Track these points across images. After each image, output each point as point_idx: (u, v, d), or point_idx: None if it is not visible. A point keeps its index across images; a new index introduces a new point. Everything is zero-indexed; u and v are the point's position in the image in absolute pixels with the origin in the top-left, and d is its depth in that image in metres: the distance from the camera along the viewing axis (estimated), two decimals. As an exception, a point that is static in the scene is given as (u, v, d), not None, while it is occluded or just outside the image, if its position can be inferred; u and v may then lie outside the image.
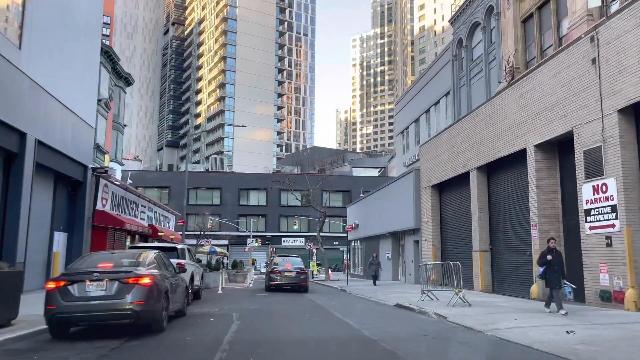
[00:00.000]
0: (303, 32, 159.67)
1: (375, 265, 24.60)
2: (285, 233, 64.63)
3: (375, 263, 24.68)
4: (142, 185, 62.91)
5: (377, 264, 24.91)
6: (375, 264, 24.69)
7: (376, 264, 24.70)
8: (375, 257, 25.45)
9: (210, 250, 33.17)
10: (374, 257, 25.19)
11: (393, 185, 29.56)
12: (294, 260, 22.77)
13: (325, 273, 35.71)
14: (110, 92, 38.60)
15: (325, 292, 22.49)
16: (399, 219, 27.78)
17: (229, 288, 24.59)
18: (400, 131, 43.23)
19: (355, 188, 60.85)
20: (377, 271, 24.78)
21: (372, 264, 24.77)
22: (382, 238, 32.75)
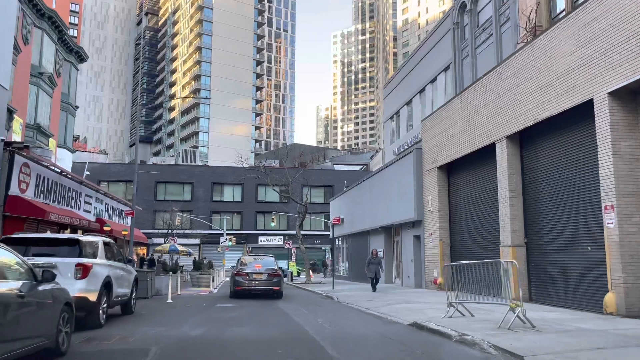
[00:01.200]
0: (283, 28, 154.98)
1: (375, 264, 19.77)
2: (262, 231, 59.72)
3: (375, 262, 19.77)
4: (106, 179, 57.51)
5: (378, 263, 19.62)
6: (375, 263, 19.76)
7: (376, 263, 19.82)
8: (376, 254, 20.34)
9: (171, 248, 28.13)
10: (373, 255, 20.19)
11: (387, 171, 25.02)
12: (265, 260, 19.10)
13: (306, 275, 31.02)
14: (58, 66, 33.21)
15: (307, 299, 17.79)
16: (395, 210, 23.26)
17: (186, 295, 19.71)
18: (389, 116, 38.83)
19: (338, 183, 56.21)
20: (378, 272, 19.82)
21: (371, 263, 19.45)
22: (372, 234, 28.21)
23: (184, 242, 54.91)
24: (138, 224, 54.73)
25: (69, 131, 35.93)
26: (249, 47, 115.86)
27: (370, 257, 20.18)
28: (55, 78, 31.78)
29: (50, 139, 31.57)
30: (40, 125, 29.28)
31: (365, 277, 29.10)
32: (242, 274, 17.78)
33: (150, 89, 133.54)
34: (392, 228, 25.52)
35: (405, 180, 21.91)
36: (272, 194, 61.58)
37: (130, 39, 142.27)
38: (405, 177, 21.94)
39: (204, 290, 22.35)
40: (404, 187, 22.06)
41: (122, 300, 10.97)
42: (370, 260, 19.78)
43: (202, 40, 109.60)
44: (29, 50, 28.23)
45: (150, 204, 56.28)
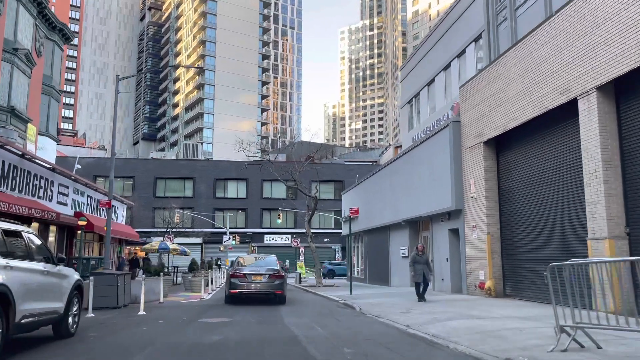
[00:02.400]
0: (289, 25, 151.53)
1: (422, 264, 14.14)
2: (268, 229, 55.96)
3: (422, 261, 14.13)
4: (102, 175, 53.98)
5: (425, 263, 14.30)
6: (422, 262, 14.14)
7: (423, 262, 14.17)
8: (422, 250, 14.45)
9: (160, 246, 24.37)
10: (419, 251, 14.43)
11: (413, 155, 21.12)
12: (266, 260, 16.82)
13: (316, 277, 27.20)
14: (38, 44, 29.55)
15: (321, 309, 13.93)
16: (423, 199, 19.36)
17: (170, 303, 15.92)
18: (407, 100, 34.93)
19: (349, 178, 52.24)
20: (427, 274, 14.32)
21: (416, 262, 14.20)
22: (393, 229, 24.32)
23: (184, 242, 51.33)
24: (136, 222, 51.34)
25: (52, 117, 32.25)
26: (255, 41, 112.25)
27: (415, 253, 14.56)
28: (34, 57, 28.12)
29: (29, 125, 27.90)
30: (14, 108, 25.63)
31: (383, 278, 25.31)
32: (238, 275, 15.16)
33: (154, 85, 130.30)
34: (419, 221, 21.61)
35: (438, 161, 18.00)
36: (278, 190, 57.81)
37: (133, 35, 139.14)
38: (438, 158, 18.03)
39: (194, 295, 18.55)
40: (436, 171, 18.15)
41: (45, 320, 7.17)
42: (416, 259, 14.38)
43: (206, 34, 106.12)
44: (2, 22, 24.64)
45: (149, 201, 52.72)
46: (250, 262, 16.72)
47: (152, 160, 60.72)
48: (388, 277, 24.71)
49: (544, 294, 12.42)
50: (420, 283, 14.31)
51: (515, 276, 14.13)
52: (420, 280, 14.28)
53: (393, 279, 24.23)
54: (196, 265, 22.74)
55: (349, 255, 28.96)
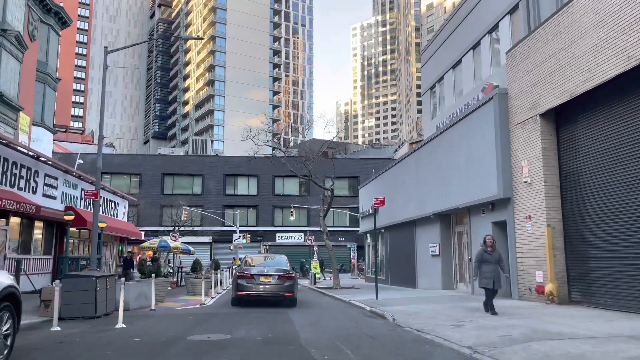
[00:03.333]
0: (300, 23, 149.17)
1: (493, 263, 10.54)
2: (280, 227, 53.43)
3: (492, 259, 10.54)
4: (108, 171, 51.83)
5: (497, 262, 10.63)
6: (492, 260, 10.54)
7: (494, 260, 10.56)
8: (492, 245, 10.69)
9: (160, 245, 21.88)
10: (488, 246, 10.70)
11: (445, 137, 18.40)
12: (276, 260, 16.01)
13: (333, 277, 24.57)
14: (32, 27, 27.33)
15: (344, 319, 11.30)
16: (459, 188, 16.65)
17: (163, 310, 13.40)
18: (429, 86, 32.19)
19: (364, 173, 49.46)
20: (497, 277, 10.60)
21: (484, 260, 10.55)
22: (420, 224, 21.60)
23: (193, 241, 49.11)
24: (142, 220, 49.14)
25: (48, 107, 29.97)
26: (265, 36, 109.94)
27: (483, 249, 10.73)
28: (26, 40, 25.84)
29: (21, 114, 25.66)
30: (3, 94, 23.34)
31: (408, 279, 22.59)
32: (246, 276, 14.18)
33: (164, 83, 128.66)
34: (452, 214, 18.90)
35: (478, 143, 15.26)
36: (290, 186, 55.27)
37: (143, 32, 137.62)
38: (478, 138, 15.30)
39: (194, 301, 16.02)
40: (476, 155, 15.42)
41: None
42: (484, 257, 10.60)
43: (216, 29, 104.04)
44: (-13, 0, 22.43)
45: (156, 199, 50.52)
46: (258, 262, 15.76)
47: (160, 156, 58.53)
48: (414, 278, 22.00)
49: (628, 300, 9.67)
50: (492, 289, 10.57)
51: (585, 278, 11.39)
52: (490, 286, 10.49)
53: (420, 280, 21.52)
54: (199, 265, 20.22)
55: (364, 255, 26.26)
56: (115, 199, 28.80)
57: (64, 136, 72.00)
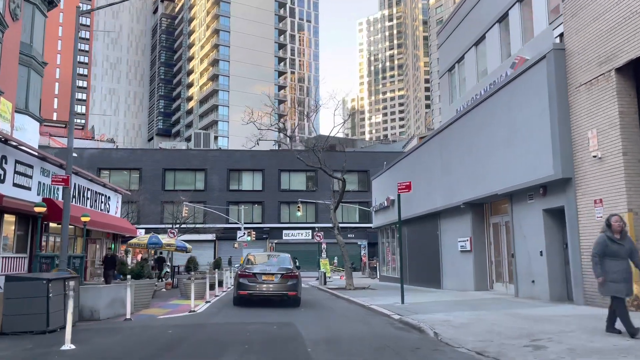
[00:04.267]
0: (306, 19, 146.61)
1: (622, 259, 6.87)
2: (286, 224, 50.84)
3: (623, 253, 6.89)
4: (107, 167, 49.61)
5: (629, 254, 6.95)
6: (623, 255, 6.90)
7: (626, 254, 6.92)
8: (621, 229, 6.94)
9: (150, 241, 19.31)
10: (616, 231, 6.97)
11: (477, 113, 15.71)
12: (279, 258, 15.73)
13: (346, 277, 21.97)
14: (13, 5, 24.83)
15: (369, 335, 8.64)
16: (498, 171, 13.98)
17: (143, 318, 10.85)
18: (447, 68, 29.52)
19: (374, 167, 46.62)
20: (629, 277, 6.91)
21: (612, 254, 6.91)
22: (445, 216, 18.93)
23: (195, 239, 46.66)
24: (143, 217, 46.72)
25: (33, 93, 27.42)
26: (270, 29, 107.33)
27: (607, 237, 7.15)
28: (7, 19, 23.38)
29: (2, 99, 23.19)
30: (-24, 74, 20.81)
31: (431, 279, 19.86)
32: (247, 275, 13.77)
33: (168, 79, 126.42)
34: (486, 204, 16.24)
35: (526, 112, 12.57)
36: (297, 181, 52.70)
37: (146, 28, 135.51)
38: (525, 107, 12.61)
39: (184, 306, 13.42)
40: (522, 127, 12.74)
41: None
42: (609, 248, 7.09)
43: (220, 23, 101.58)
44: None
45: (157, 195, 48.06)
46: (261, 261, 15.44)
47: (160, 150, 56.15)
48: (439, 277, 19.34)
49: None
50: (623, 298, 7.00)
51: (682, 278, 8.69)
52: (622, 294, 6.97)
53: (446, 280, 18.86)
54: (193, 263, 17.69)
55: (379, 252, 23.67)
56: (106, 192, 26.29)
57: (64, 132, 69.93)
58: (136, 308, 12.68)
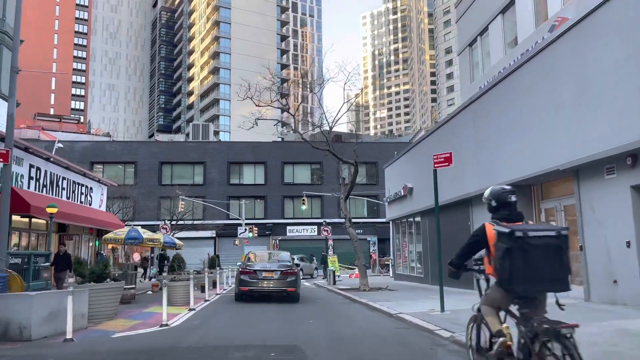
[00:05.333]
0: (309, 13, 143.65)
1: None
2: (290, 220, 47.83)
3: None
4: (100, 160, 46.71)
5: None
6: None
7: None
8: None
9: (130, 236, 16.31)
10: None
11: (529, 70, 12.64)
12: (279, 256, 15.82)
13: (360, 277, 18.98)
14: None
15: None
16: (563, 139, 10.93)
17: (99, 334, 7.91)
18: (467, 42, 26.58)
19: (383, 158, 43.56)
20: None
21: None
22: (479, 203, 15.87)
23: (194, 236, 43.85)
24: (138, 213, 43.82)
25: (4, 72, 24.59)
26: (272, 20, 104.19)
27: None
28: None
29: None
30: None
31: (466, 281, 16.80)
32: (248, 272, 14.19)
33: (168, 74, 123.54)
34: (533, 186, 13.21)
35: (606, 61, 9.52)
36: (301, 174, 49.67)
37: (146, 22, 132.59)
38: (605, 53, 9.55)
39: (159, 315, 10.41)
40: (598, 80, 9.71)
41: None
42: None
43: (220, 14, 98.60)
44: None
45: (154, 190, 45.09)
46: (261, 259, 15.83)
47: (156, 143, 53.27)
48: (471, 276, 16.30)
49: None
50: None
51: None
52: None
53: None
54: (177, 262, 14.75)
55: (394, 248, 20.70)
56: (87, 182, 23.39)
57: (58, 125, 67.27)
58: (95, 320, 9.74)
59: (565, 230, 3.98)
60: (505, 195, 4.54)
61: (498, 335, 4.13)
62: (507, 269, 3.94)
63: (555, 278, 3.90)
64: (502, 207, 4.49)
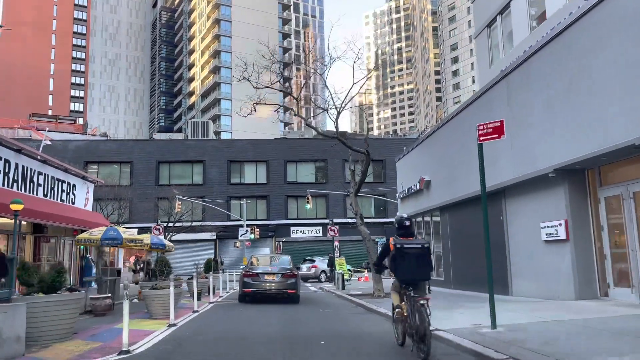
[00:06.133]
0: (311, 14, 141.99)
1: None
2: (294, 220, 45.54)
3: None
4: (94, 160, 44.56)
5: None
6: None
7: None
8: None
9: (106, 236, 14.01)
10: None
11: (599, 16, 10.32)
12: (280, 260, 16.92)
13: (373, 281, 16.64)
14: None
15: None
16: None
17: None
18: (485, 23, 24.27)
19: (391, 155, 41.11)
20: None
21: None
22: (515, 194, 13.57)
23: (193, 238, 41.67)
24: (135, 215, 41.61)
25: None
26: (274, 18, 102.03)
27: None
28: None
29: None
30: None
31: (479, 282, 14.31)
32: (251, 275, 15.04)
33: (169, 74, 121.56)
34: (589, 170, 10.87)
35: None
36: (305, 173, 47.37)
37: (146, 22, 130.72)
38: None
39: (119, 339, 8.09)
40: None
41: None
42: None
43: (221, 12, 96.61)
44: None
45: (150, 190, 42.95)
46: (263, 262, 16.63)
47: (153, 141, 51.11)
48: (505, 279, 13.95)
49: None
50: None
51: None
52: None
53: (518, 282, 13.49)
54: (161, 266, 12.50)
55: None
56: (69, 178, 21.11)
57: (54, 126, 65.31)
58: (42, 343, 7.46)
59: (427, 244, 6.79)
60: (402, 220, 6.92)
61: (397, 307, 6.87)
62: (395, 267, 6.70)
63: (420, 272, 6.67)
64: (400, 228, 6.87)
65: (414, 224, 7.22)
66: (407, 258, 6.53)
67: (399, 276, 6.69)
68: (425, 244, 6.72)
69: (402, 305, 6.76)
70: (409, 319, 6.41)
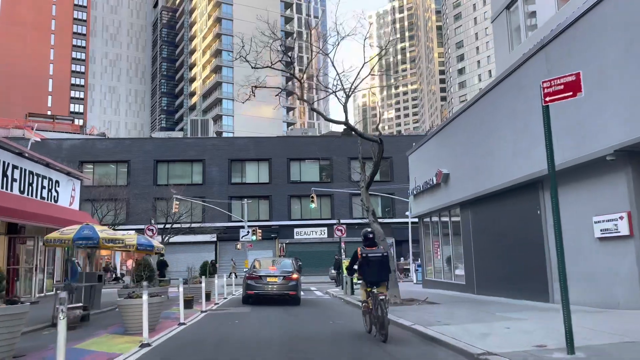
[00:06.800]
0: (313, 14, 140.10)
1: None
2: (298, 221, 43.58)
3: None
4: (90, 159, 42.74)
5: None
6: None
7: None
8: None
9: (78, 236, 12.08)
10: None
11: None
12: (282, 263, 17.52)
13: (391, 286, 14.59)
14: None
15: None
16: None
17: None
18: (504, 5, 22.32)
19: (398, 152, 39.06)
20: None
21: None
22: (558, 184, 11.51)
23: (193, 240, 39.84)
24: (132, 216, 39.76)
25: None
26: (276, 16, 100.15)
27: None
28: None
29: None
30: None
31: (526, 288, 11.91)
32: (254, 277, 15.77)
33: (170, 75, 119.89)
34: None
35: None
36: (309, 172, 45.43)
37: (146, 23, 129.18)
38: None
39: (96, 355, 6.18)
40: None
41: None
42: None
43: (222, 10, 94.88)
44: None
45: (148, 190, 41.10)
46: (266, 265, 17.05)
47: (151, 139, 49.26)
48: (545, 284, 11.98)
49: None
50: None
51: None
52: None
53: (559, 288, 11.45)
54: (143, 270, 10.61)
55: (427, 245, 16.42)
56: (51, 174, 19.27)
57: (52, 125, 63.68)
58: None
59: (386, 252, 8.77)
60: (367, 234, 8.99)
61: (364, 302, 8.73)
62: (362, 271, 8.59)
63: (381, 275, 8.48)
64: (365, 240, 8.88)
65: (375, 236, 9.19)
66: (371, 264, 8.45)
67: (365, 278, 8.50)
68: (385, 252, 8.63)
69: (368, 300, 8.53)
70: (373, 311, 8.19)
